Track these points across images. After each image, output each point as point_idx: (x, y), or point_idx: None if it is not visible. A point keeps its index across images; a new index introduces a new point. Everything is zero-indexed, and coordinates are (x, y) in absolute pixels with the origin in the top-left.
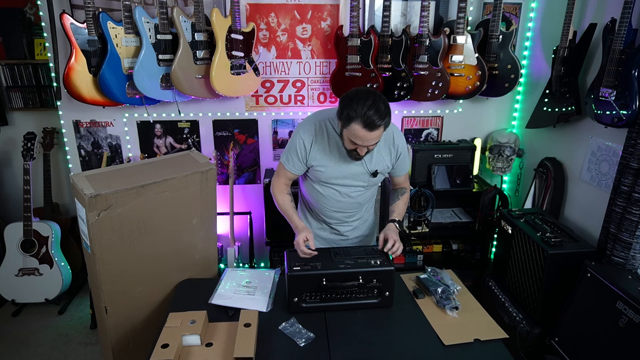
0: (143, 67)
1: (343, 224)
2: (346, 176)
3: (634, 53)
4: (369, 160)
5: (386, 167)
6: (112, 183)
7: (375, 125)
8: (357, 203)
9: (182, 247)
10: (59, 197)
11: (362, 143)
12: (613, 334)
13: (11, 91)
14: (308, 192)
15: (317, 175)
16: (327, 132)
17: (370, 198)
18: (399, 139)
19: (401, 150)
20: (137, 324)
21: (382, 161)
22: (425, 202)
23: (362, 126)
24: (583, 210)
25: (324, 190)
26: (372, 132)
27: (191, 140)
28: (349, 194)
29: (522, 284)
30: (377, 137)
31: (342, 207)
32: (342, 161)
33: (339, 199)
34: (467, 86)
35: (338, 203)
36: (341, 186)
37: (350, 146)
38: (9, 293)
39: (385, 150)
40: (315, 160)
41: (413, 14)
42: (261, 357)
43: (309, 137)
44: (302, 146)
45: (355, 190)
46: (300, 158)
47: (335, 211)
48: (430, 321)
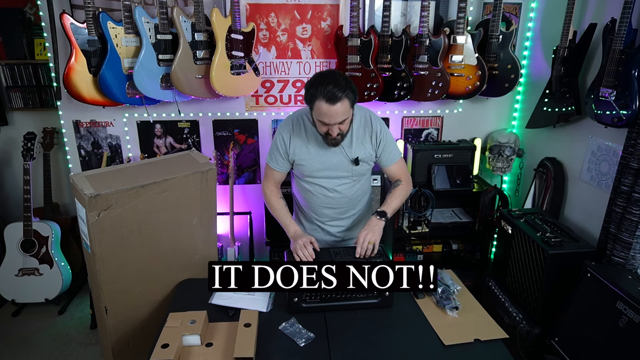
0: (143, 67)
1: (334, 222)
2: (328, 167)
3: (634, 53)
4: (348, 146)
5: (369, 155)
6: (112, 183)
7: (337, 97)
8: (346, 198)
9: (182, 247)
10: (59, 197)
11: (329, 120)
12: (613, 334)
13: (11, 91)
14: (298, 192)
15: (300, 170)
16: (304, 125)
17: (361, 195)
18: (377, 124)
19: (382, 135)
20: (137, 324)
21: (362, 148)
22: (425, 202)
23: (324, 101)
24: (583, 210)
25: (311, 187)
26: (334, 105)
27: (191, 140)
28: (335, 189)
29: (522, 284)
30: (343, 112)
31: (331, 203)
32: (322, 152)
33: (326, 194)
34: (467, 86)
35: (326, 199)
36: (325, 179)
37: (322, 128)
38: (9, 293)
39: (365, 137)
40: (296, 154)
41: (413, 14)
42: (261, 357)
43: (287, 132)
44: (282, 142)
45: (341, 183)
46: (282, 154)
47: (324, 207)
48: (430, 321)
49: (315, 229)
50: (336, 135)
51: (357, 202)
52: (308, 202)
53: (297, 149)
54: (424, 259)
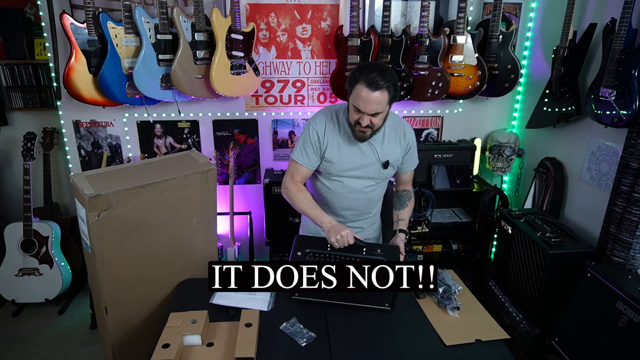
0: (143, 67)
1: (352, 223)
2: (357, 167)
3: (634, 53)
4: (379, 147)
5: (397, 160)
6: (112, 183)
7: (378, 85)
8: (367, 200)
9: (182, 247)
10: (59, 197)
11: (364, 107)
12: (613, 334)
13: (11, 91)
14: (317, 190)
15: (328, 168)
16: (338, 121)
17: (380, 198)
18: (409, 132)
19: (411, 143)
20: (137, 324)
21: (392, 151)
22: (425, 202)
23: (365, 85)
24: (583, 210)
25: (334, 186)
26: (374, 92)
27: (191, 140)
28: (360, 189)
29: (522, 284)
30: (379, 102)
31: (351, 205)
32: (354, 151)
33: (350, 195)
34: (467, 86)
35: (347, 200)
36: (352, 179)
37: (354, 116)
38: (9, 293)
39: (396, 141)
40: (327, 150)
41: (413, 14)
42: (262, 357)
43: (321, 126)
44: (315, 136)
45: (366, 185)
46: (315, 149)
47: (344, 208)
48: (431, 321)
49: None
50: (365, 126)
51: (376, 204)
52: (328, 202)
53: (329, 145)
54: (424, 259)
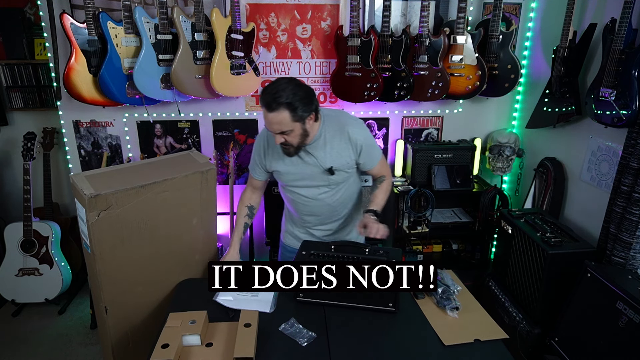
0: (143, 67)
1: (320, 226)
2: (304, 177)
3: (634, 53)
4: (321, 156)
5: (346, 164)
6: (112, 183)
7: (271, 106)
8: (328, 206)
9: (182, 247)
10: (59, 197)
11: (268, 127)
12: (613, 334)
13: (11, 91)
14: (283, 196)
15: (279, 177)
16: None
17: (346, 201)
18: (354, 132)
19: (361, 142)
20: (137, 324)
21: (339, 157)
22: (425, 202)
23: (264, 106)
24: (583, 210)
25: (292, 195)
26: (270, 113)
27: (191, 140)
28: (315, 197)
29: (522, 284)
30: (280, 121)
31: (312, 211)
32: (296, 162)
33: (307, 202)
34: (467, 86)
35: (306, 207)
36: (303, 188)
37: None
38: (9, 293)
39: (342, 145)
40: (272, 165)
41: (413, 14)
42: (262, 357)
43: (262, 143)
44: (258, 151)
45: (320, 192)
46: (259, 163)
47: (307, 215)
48: (430, 321)
49: (304, 233)
50: (279, 143)
51: (342, 208)
52: (292, 208)
53: (272, 160)
54: (424, 259)
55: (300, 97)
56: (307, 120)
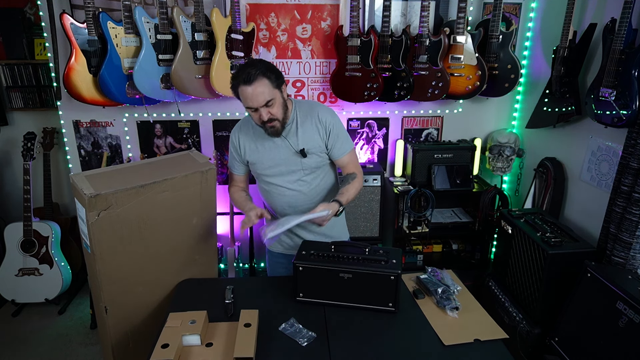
0: (143, 67)
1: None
2: (277, 163)
3: (634, 53)
4: (293, 138)
5: (318, 147)
6: (112, 183)
7: (252, 77)
8: (304, 195)
9: (182, 247)
10: (59, 197)
11: (252, 103)
12: (613, 334)
13: (11, 91)
14: (261, 196)
15: (254, 169)
16: (251, 125)
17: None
18: (324, 114)
19: (331, 126)
20: (137, 324)
21: (310, 139)
22: (425, 202)
23: (242, 84)
24: (583, 210)
25: (268, 187)
26: (252, 85)
27: (191, 140)
28: (290, 187)
29: (522, 284)
30: (263, 92)
31: (289, 203)
32: (268, 147)
33: (283, 192)
34: (467, 86)
35: (284, 198)
36: (279, 177)
37: (255, 116)
38: (9, 293)
39: (312, 128)
40: (247, 154)
41: (413, 14)
42: (261, 357)
43: (235, 135)
44: (233, 145)
45: (295, 179)
46: (236, 156)
47: (285, 207)
48: (430, 321)
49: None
50: (267, 119)
51: (319, 199)
52: (269, 204)
53: (247, 149)
54: (423, 259)
55: (269, 67)
56: (283, 89)
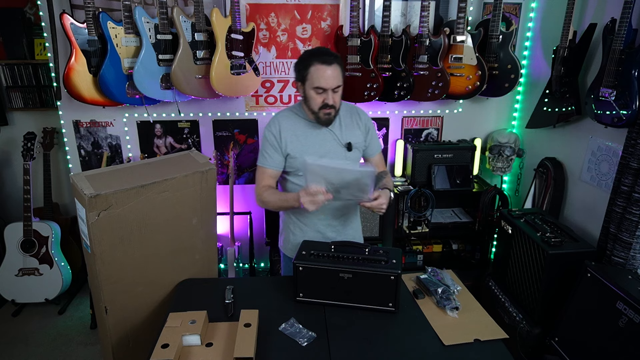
0: (143, 67)
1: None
2: (323, 155)
3: (634, 53)
4: (338, 131)
5: (360, 142)
6: (112, 183)
7: (331, 60)
8: None
9: (182, 247)
10: (59, 197)
11: (326, 83)
12: (613, 334)
13: (11, 91)
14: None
15: (293, 163)
16: (292, 118)
17: None
18: (363, 113)
19: (369, 125)
20: (137, 324)
21: (353, 134)
22: (425, 202)
23: (320, 64)
24: (583, 210)
25: (300, 180)
26: (330, 66)
27: (191, 140)
28: None
29: (522, 284)
30: (337, 75)
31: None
32: (313, 139)
33: None
34: (467, 86)
35: None
36: None
37: (318, 99)
38: (9, 293)
39: (353, 124)
40: (288, 146)
41: (413, 14)
42: (262, 357)
43: (275, 127)
44: (272, 137)
45: None
46: (276, 148)
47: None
48: (430, 321)
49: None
50: (332, 103)
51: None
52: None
53: (288, 141)
54: (423, 259)
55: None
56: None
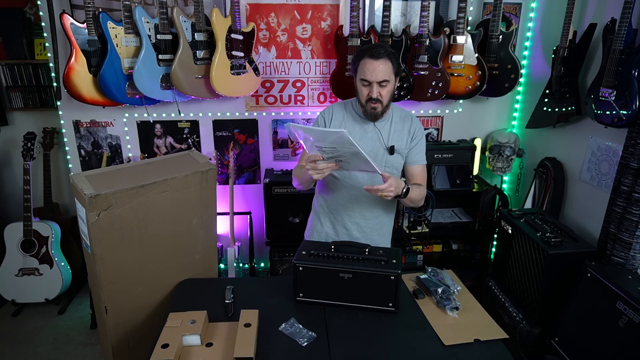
0: (143, 67)
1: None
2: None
3: (634, 53)
4: (386, 133)
5: (404, 147)
6: (112, 183)
7: (380, 53)
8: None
9: (182, 247)
10: (59, 197)
11: (370, 76)
12: (613, 334)
13: (11, 91)
14: (324, 186)
15: None
16: (345, 108)
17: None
18: (417, 123)
19: (419, 135)
20: (137, 324)
21: (399, 138)
22: (425, 202)
23: (368, 57)
24: (583, 210)
25: (340, 174)
26: (377, 60)
27: (191, 140)
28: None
29: (522, 284)
30: (384, 70)
31: (357, 197)
32: (360, 134)
33: (354, 185)
34: (467, 86)
35: (352, 190)
36: None
37: (364, 92)
38: (9, 293)
39: (404, 130)
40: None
41: (413, 14)
42: (262, 357)
43: (329, 112)
44: (322, 120)
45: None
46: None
47: (351, 201)
48: (430, 321)
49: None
50: (375, 96)
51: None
52: (330, 194)
53: (336, 123)
54: (424, 259)
55: (395, 54)
56: (397, 80)
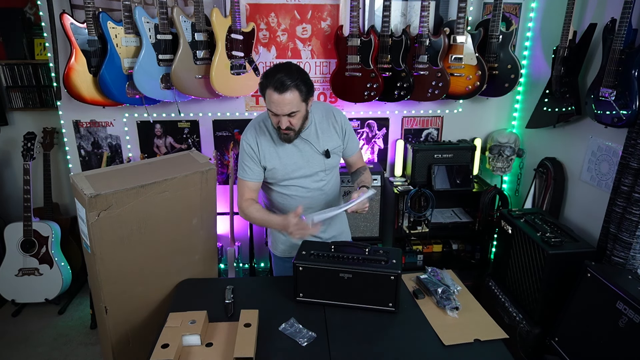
0: (143, 67)
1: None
2: (301, 166)
3: (634, 53)
4: (315, 140)
5: (337, 146)
6: (112, 183)
7: (285, 85)
8: (324, 194)
9: (182, 247)
10: (59, 197)
11: (276, 110)
12: (613, 334)
13: (11, 91)
14: (273, 200)
15: (274, 175)
16: (267, 129)
17: (335, 188)
18: (339, 115)
19: (345, 126)
20: (137, 324)
21: (330, 140)
22: (425, 202)
23: (273, 89)
24: (583, 210)
25: (288, 190)
26: (282, 94)
27: (191, 140)
28: (313, 187)
29: (522, 284)
30: (291, 102)
31: (310, 203)
32: (291, 151)
33: (305, 194)
34: (467, 86)
35: (304, 199)
36: (301, 179)
37: (274, 120)
38: (9, 293)
39: (330, 129)
40: (266, 159)
41: (413, 14)
42: (262, 357)
43: (252, 138)
44: (249, 148)
45: (317, 179)
46: (254, 160)
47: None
48: (430, 321)
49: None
50: (285, 128)
51: (333, 197)
52: (286, 208)
53: (266, 153)
54: (424, 259)
55: (305, 79)
56: (309, 102)
